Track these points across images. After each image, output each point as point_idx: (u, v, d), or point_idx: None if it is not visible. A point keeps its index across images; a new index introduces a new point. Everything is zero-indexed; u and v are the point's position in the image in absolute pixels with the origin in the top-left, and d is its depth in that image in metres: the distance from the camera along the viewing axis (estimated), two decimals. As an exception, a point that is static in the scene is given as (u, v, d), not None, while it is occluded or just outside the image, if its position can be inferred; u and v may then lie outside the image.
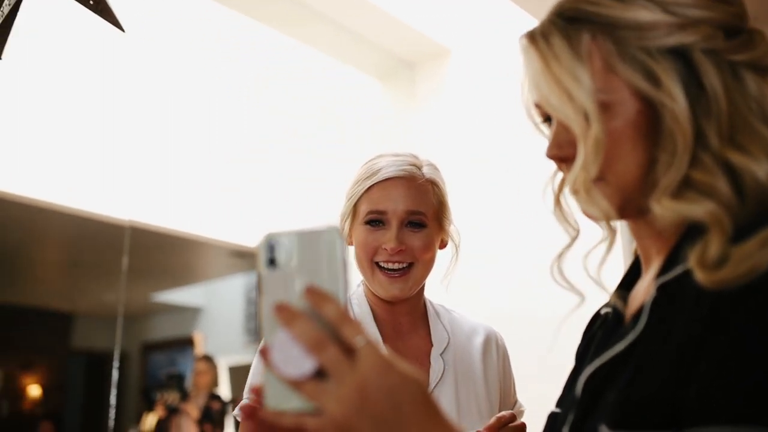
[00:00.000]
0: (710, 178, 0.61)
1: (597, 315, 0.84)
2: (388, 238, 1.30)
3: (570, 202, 0.74)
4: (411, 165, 1.35)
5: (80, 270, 6.02)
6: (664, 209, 0.63)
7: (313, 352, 0.55)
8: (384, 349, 0.57)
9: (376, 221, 1.32)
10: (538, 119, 0.75)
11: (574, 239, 0.75)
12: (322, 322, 0.57)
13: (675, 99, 0.63)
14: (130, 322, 7.07)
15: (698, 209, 0.60)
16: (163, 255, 5.53)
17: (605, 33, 0.67)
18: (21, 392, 6.56)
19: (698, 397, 0.53)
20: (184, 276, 6.55)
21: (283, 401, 0.56)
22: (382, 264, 1.31)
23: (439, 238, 1.39)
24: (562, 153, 0.70)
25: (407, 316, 1.39)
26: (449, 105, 3.55)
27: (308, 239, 0.60)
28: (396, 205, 1.31)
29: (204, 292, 6.80)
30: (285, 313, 0.57)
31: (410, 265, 1.32)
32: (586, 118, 0.64)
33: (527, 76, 0.71)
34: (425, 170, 1.36)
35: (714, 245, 0.57)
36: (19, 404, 6.50)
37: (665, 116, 0.63)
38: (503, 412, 1.20)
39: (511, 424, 1.18)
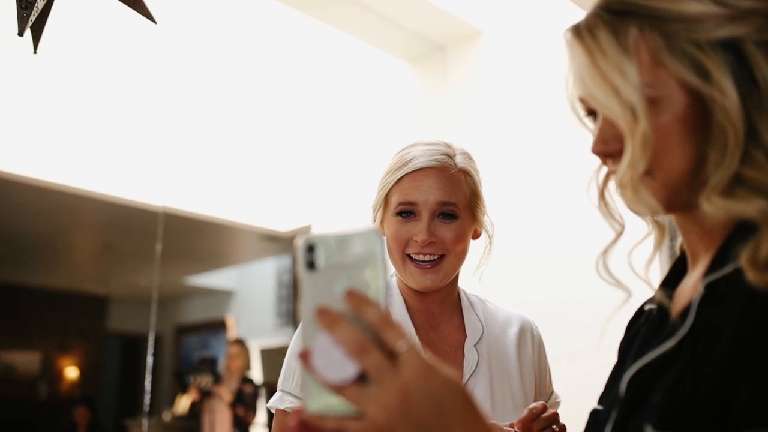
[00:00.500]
0: (762, 175, 0.59)
1: (641, 310, 0.82)
2: (418, 230, 1.28)
3: (615, 196, 0.72)
4: (443, 155, 1.33)
5: (115, 255, 6.12)
6: (715, 207, 0.61)
7: (356, 356, 0.55)
8: (424, 354, 0.57)
9: (407, 212, 1.31)
10: (582, 113, 0.74)
11: (619, 234, 0.74)
12: (363, 325, 0.57)
13: (726, 93, 0.61)
14: (164, 305, 7.20)
15: (750, 208, 0.58)
16: (196, 239, 5.60)
17: (653, 26, 0.65)
18: (59, 374, 6.73)
19: (747, 400, 0.52)
20: (216, 260, 6.64)
21: (324, 405, 0.56)
22: (413, 256, 1.30)
23: (472, 229, 1.37)
24: (609, 149, 0.68)
25: (440, 306, 1.38)
26: (481, 88, 3.51)
27: (348, 241, 0.60)
28: (427, 196, 1.29)
29: (236, 275, 6.89)
30: (326, 316, 0.56)
31: (441, 256, 1.30)
32: (634, 113, 0.63)
33: (572, 71, 0.70)
34: (458, 159, 1.35)
35: (766, 244, 0.55)
36: (57, 386, 6.67)
37: (716, 111, 0.61)
38: (535, 403, 1.19)
39: (543, 415, 1.17)
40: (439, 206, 1.29)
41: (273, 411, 1.32)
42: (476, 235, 1.40)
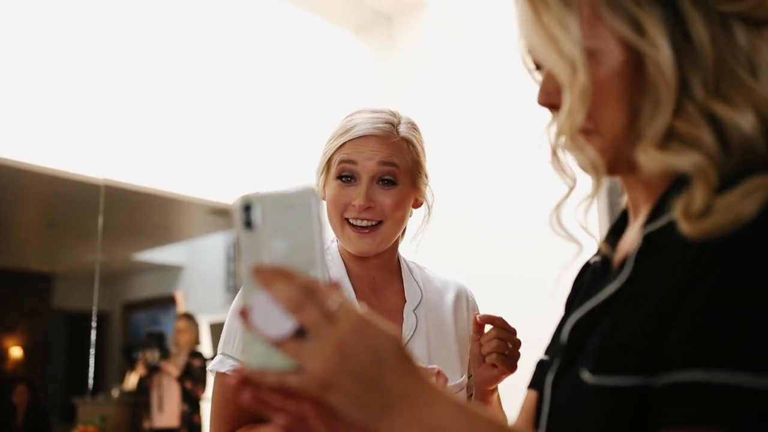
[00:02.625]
0: (694, 129, 0.61)
1: (587, 264, 0.85)
2: (357, 194, 1.29)
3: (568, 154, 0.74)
4: (386, 123, 1.33)
5: (58, 231, 5.98)
6: (651, 159, 0.63)
7: (293, 311, 0.56)
8: (360, 307, 0.58)
9: (347, 176, 1.31)
10: (532, 66, 0.75)
11: (572, 189, 0.75)
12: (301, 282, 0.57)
13: (659, 48, 0.62)
14: (112, 281, 7.08)
15: (683, 160, 0.60)
16: (142, 214, 5.50)
17: None
18: (3, 354, 6.57)
19: (676, 344, 0.54)
20: (164, 235, 6.53)
21: (264, 361, 0.57)
22: (351, 220, 1.31)
23: (413, 198, 1.38)
24: (551, 100, 0.70)
25: (381, 271, 1.39)
26: (427, 58, 3.50)
27: (284, 200, 0.60)
28: (368, 160, 1.30)
29: (185, 250, 6.80)
30: (263, 274, 0.58)
31: (379, 222, 1.31)
32: (573, 66, 0.64)
33: (518, 25, 0.71)
34: (402, 128, 1.35)
35: (698, 196, 0.57)
36: (1, 366, 6.51)
37: (649, 65, 0.63)
38: (481, 314, 1.27)
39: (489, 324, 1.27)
40: (379, 168, 1.29)
41: (213, 374, 1.33)
42: (417, 204, 1.41)
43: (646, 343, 0.57)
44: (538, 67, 0.74)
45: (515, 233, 2.91)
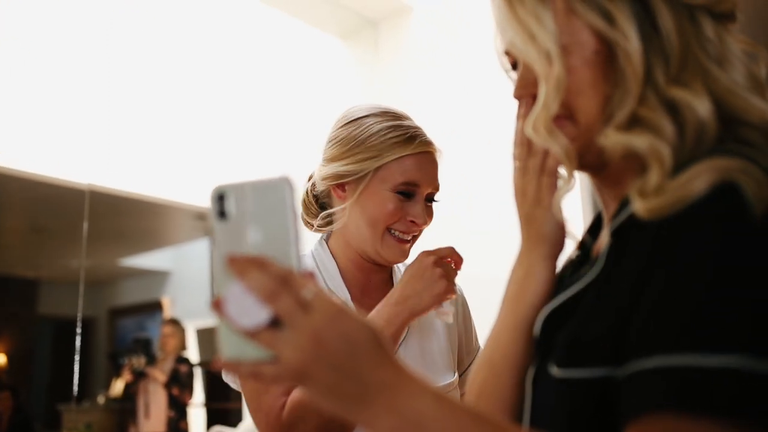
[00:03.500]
0: (654, 114, 0.63)
1: (569, 260, 0.85)
2: (417, 213, 1.30)
3: None
4: (429, 137, 1.37)
5: (43, 236, 5.93)
6: (609, 140, 0.65)
7: (267, 301, 0.56)
8: (337, 299, 0.58)
9: (408, 193, 1.31)
10: (508, 66, 0.78)
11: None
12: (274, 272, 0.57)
13: (628, 38, 0.65)
14: (98, 287, 7.02)
15: (640, 141, 0.62)
16: (129, 219, 5.47)
17: None
18: (-12, 361, 6.50)
19: (637, 330, 0.54)
20: (150, 240, 6.50)
21: (240, 351, 0.57)
22: (396, 232, 1.31)
23: None
24: (528, 92, 0.72)
25: (378, 274, 1.40)
26: (414, 63, 3.51)
27: (258, 190, 0.60)
28: (429, 182, 1.32)
29: (171, 256, 6.76)
30: (237, 264, 0.57)
31: (418, 235, 1.36)
32: (548, 58, 0.67)
33: (495, 23, 0.74)
34: (435, 143, 1.39)
35: (653, 177, 0.59)
36: (-14, 373, 6.44)
37: (619, 55, 0.65)
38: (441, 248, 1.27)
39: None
40: (434, 190, 1.34)
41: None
42: None
43: (613, 333, 0.58)
44: (514, 66, 0.77)
45: (513, 235, 2.92)
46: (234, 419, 5.02)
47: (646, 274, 0.56)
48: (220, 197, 0.60)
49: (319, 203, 1.41)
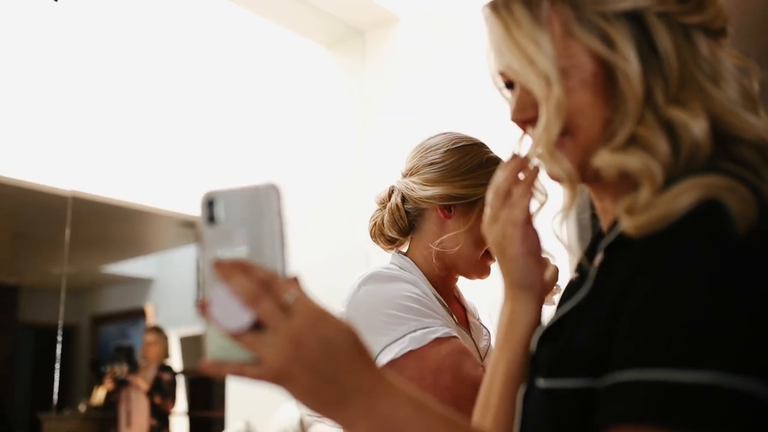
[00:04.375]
0: (651, 133, 0.64)
1: (570, 282, 0.87)
2: None
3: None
4: None
5: (25, 242, 5.88)
6: (603, 161, 0.65)
7: (249, 304, 0.58)
8: (317, 302, 0.59)
9: None
10: (501, 85, 0.78)
11: (543, 204, 0.80)
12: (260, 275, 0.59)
13: (628, 60, 0.65)
14: (81, 294, 6.97)
15: (634, 160, 0.63)
16: (112, 226, 5.44)
17: (563, 0, 0.69)
18: (-32, 368, 6.42)
19: (617, 343, 0.55)
20: (134, 247, 6.46)
21: (224, 353, 0.59)
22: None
23: None
24: (526, 116, 0.73)
25: (455, 284, 1.46)
26: (401, 73, 3.52)
27: (247, 196, 0.62)
28: None
29: (155, 263, 6.73)
30: (222, 268, 0.59)
31: None
32: (548, 81, 0.67)
33: (491, 45, 0.74)
34: None
35: (642, 195, 0.59)
36: (-35, 380, 6.36)
37: (619, 77, 0.66)
38: None
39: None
40: None
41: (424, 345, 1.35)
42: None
43: (597, 344, 0.59)
44: (509, 85, 0.77)
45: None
46: (217, 428, 4.98)
47: (629, 287, 0.57)
48: (209, 203, 0.62)
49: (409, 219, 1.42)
